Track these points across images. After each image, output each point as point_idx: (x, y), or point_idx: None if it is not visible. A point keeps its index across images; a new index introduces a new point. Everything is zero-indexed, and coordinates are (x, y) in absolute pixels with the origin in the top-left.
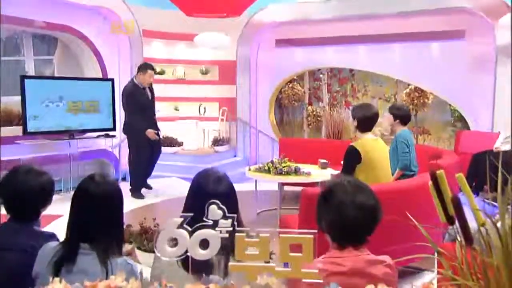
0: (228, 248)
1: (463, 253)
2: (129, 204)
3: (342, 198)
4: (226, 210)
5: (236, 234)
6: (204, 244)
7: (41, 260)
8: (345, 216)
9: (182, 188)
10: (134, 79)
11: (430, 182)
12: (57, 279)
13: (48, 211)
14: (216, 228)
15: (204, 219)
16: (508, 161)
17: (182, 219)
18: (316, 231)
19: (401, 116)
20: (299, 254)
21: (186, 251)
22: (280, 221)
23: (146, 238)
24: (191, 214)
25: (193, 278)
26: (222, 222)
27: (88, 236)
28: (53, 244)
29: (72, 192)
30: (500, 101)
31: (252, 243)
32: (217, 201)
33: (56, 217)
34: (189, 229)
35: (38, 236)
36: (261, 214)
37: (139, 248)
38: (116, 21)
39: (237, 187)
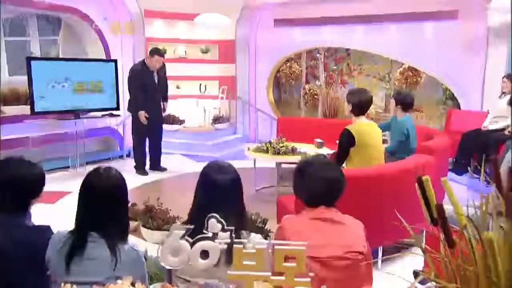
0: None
1: (447, 255)
2: (134, 180)
3: (311, 172)
4: (224, 224)
5: (234, 246)
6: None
7: (53, 247)
8: (316, 187)
9: (184, 165)
10: (145, 60)
11: (416, 185)
12: (68, 285)
13: (57, 187)
14: (216, 240)
15: (204, 231)
16: (494, 139)
17: (184, 231)
18: None
19: (402, 102)
20: (293, 264)
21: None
22: (277, 203)
23: (150, 217)
24: (192, 226)
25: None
26: (221, 234)
27: (96, 225)
28: (63, 232)
29: (79, 169)
30: (490, 81)
31: (249, 255)
32: (216, 215)
33: (65, 194)
34: (190, 240)
35: (28, 229)
36: (260, 191)
37: (143, 226)
38: (116, 22)
39: (237, 164)
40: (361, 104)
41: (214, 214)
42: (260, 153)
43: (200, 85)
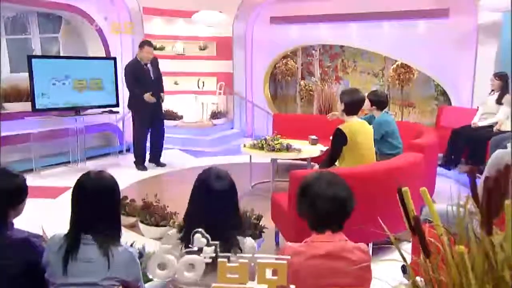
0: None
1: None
2: (134, 176)
3: (317, 191)
4: (209, 238)
5: (219, 259)
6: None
7: (50, 249)
8: (319, 208)
9: (183, 160)
10: (136, 56)
11: (397, 196)
12: None
13: (58, 183)
14: (201, 254)
15: (190, 245)
16: (482, 136)
17: (169, 246)
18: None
19: (377, 101)
20: (275, 278)
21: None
22: (272, 200)
23: (148, 213)
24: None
25: None
26: (206, 249)
27: (88, 228)
28: (60, 234)
29: (80, 164)
30: (480, 78)
31: (232, 268)
32: (202, 230)
33: (66, 189)
34: (177, 254)
35: (10, 241)
36: (256, 187)
37: (141, 221)
38: (116, 23)
39: (234, 159)
40: (353, 104)
41: (200, 230)
42: (255, 150)
43: (198, 81)
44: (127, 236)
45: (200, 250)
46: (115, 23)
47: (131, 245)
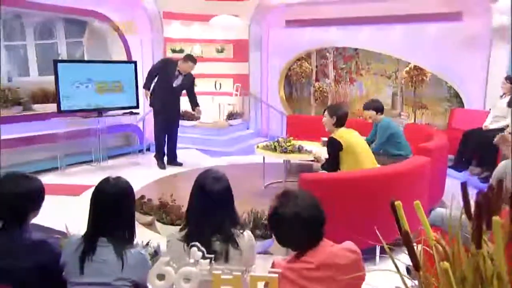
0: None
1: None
2: (152, 174)
3: (284, 217)
4: (205, 252)
5: (213, 272)
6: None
7: (67, 250)
8: (292, 232)
9: (199, 159)
10: (178, 61)
11: (391, 210)
12: None
13: (81, 181)
14: (197, 267)
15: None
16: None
17: (168, 258)
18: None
19: (378, 107)
20: None
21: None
22: None
23: (164, 212)
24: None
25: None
26: (202, 262)
27: (104, 230)
28: (77, 236)
29: (102, 163)
30: (492, 81)
31: (226, 281)
32: (197, 244)
33: (89, 187)
34: (175, 266)
35: (28, 242)
36: (269, 187)
37: (158, 220)
38: (116, 24)
39: (248, 159)
40: (344, 117)
41: (196, 243)
42: (268, 151)
43: (215, 82)
44: (144, 234)
45: (196, 263)
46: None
47: (147, 244)
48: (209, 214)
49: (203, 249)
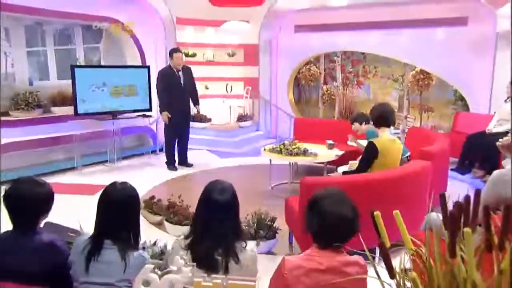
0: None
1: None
2: (164, 175)
3: (326, 209)
4: (187, 261)
5: (195, 279)
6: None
7: (75, 250)
8: (327, 225)
9: (209, 160)
10: (169, 63)
11: (371, 220)
12: None
13: (96, 180)
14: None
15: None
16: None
17: (152, 266)
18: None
19: (355, 119)
20: None
21: None
22: (285, 203)
23: (173, 212)
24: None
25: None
26: (184, 269)
27: (110, 233)
28: (84, 237)
29: (116, 163)
30: (498, 85)
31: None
32: (182, 253)
33: (102, 187)
34: (159, 272)
35: (38, 244)
36: (275, 188)
37: (167, 220)
38: (117, 23)
39: (256, 160)
40: (385, 115)
41: (180, 253)
42: (274, 154)
43: (227, 85)
44: (153, 234)
45: (179, 270)
46: (115, 25)
47: (154, 243)
48: (212, 225)
49: (184, 257)
